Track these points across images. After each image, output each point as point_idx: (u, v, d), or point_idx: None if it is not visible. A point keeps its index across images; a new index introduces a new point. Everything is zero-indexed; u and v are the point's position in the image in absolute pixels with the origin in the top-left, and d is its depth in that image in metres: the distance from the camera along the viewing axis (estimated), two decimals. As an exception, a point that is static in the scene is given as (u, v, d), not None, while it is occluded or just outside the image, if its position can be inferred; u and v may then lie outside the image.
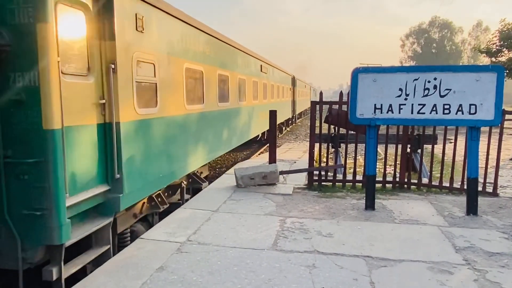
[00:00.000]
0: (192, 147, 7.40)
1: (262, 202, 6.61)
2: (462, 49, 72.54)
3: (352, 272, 4.01)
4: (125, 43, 4.88)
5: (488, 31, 65.06)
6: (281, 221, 5.62)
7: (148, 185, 5.65)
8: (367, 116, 6.03)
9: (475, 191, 5.99)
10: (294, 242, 4.82)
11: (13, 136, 3.84)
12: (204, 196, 7.13)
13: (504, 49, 23.68)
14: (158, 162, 5.96)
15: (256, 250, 4.57)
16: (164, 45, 6.07)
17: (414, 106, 5.90)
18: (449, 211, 6.17)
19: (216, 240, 4.88)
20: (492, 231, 5.26)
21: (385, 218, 5.80)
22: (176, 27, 6.55)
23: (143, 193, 5.57)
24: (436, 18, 72.73)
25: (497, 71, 5.69)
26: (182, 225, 5.43)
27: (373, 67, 6.44)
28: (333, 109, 8.03)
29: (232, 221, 5.64)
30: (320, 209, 6.24)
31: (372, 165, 6.27)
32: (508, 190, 7.89)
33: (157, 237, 5.00)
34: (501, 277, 3.91)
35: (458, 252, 4.54)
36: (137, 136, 5.32)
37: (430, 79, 5.82)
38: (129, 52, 5.00)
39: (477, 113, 5.74)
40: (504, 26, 23.38)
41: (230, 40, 10.10)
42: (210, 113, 8.46)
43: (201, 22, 7.78)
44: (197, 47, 7.60)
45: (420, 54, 72.43)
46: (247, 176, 7.69)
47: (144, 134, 5.53)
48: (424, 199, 6.88)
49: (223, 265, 4.17)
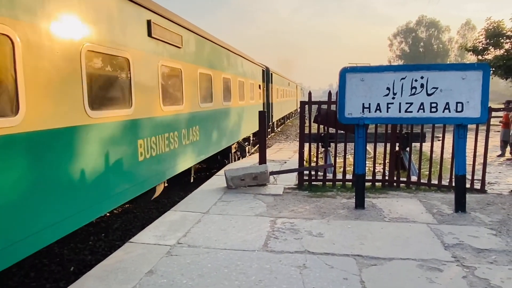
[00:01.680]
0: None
1: (253, 203, 6.60)
2: (449, 47, 73.47)
3: (342, 272, 4.01)
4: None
5: (474, 29, 65.93)
6: (271, 222, 5.61)
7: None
8: (356, 116, 6.05)
9: (463, 188, 6.04)
10: (284, 243, 4.81)
11: None
12: (194, 198, 7.09)
13: (490, 47, 23.99)
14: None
15: (247, 252, 4.55)
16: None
17: (402, 105, 5.93)
18: (438, 208, 6.22)
19: (206, 242, 4.85)
20: (480, 228, 5.31)
21: (375, 217, 5.82)
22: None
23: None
24: (423, 17, 73.58)
25: (482, 69, 5.75)
26: (172, 228, 5.39)
27: (360, 66, 6.46)
28: (322, 109, 8.06)
29: (223, 222, 5.61)
30: (310, 209, 6.24)
31: (362, 164, 6.30)
32: (495, 186, 7.99)
33: (147, 241, 4.95)
34: (489, 274, 3.95)
35: (447, 249, 4.57)
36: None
37: (417, 77, 5.86)
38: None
39: (464, 111, 5.79)
40: (490, 24, 23.69)
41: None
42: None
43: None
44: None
45: (408, 53, 73.20)
46: (238, 177, 7.67)
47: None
48: (413, 197, 6.93)
49: (214, 268, 4.14)
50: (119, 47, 5.36)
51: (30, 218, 3.80)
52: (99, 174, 4.89)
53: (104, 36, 5.03)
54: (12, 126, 3.56)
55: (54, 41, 4.12)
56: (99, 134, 4.91)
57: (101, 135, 4.94)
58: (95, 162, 4.81)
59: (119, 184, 5.38)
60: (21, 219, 3.70)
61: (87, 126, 4.65)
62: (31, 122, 3.78)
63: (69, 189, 4.37)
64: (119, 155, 5.34)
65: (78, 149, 4.50)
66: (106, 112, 5.09)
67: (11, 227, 3.60)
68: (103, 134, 5.01)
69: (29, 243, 3.78)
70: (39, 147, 3.91)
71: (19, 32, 3.62)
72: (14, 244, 3.62)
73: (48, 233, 4.02)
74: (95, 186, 4.82)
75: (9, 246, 3.56)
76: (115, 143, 5.26)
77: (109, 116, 5.13)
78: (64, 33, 4.29)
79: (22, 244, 3.70)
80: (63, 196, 4.26)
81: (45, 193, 3.98)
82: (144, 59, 6.09)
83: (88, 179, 4.67)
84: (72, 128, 4.39)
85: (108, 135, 5.12)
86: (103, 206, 5.03)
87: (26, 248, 3.77)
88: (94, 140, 4.81)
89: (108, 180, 5.13)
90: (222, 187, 7.77)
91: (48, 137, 4.03)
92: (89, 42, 4.69)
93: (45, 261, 6.03)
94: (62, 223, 4.20)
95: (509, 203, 6.52)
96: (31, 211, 3.81)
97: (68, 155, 4.35)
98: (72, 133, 4.40)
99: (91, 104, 4.71)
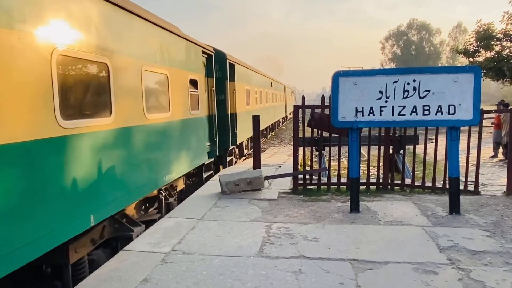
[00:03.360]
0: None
1: (248, 208, 6.57)
2: (441, 50, 74.11)
3: (338, 276, 4.00)
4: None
5: (466, 32, 66.58)
6: (267, 227, 5.59)
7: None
8: (349, 119, 6.07)
9: (457, 190, 6.07)
10: (280, 248, 4.79)
11: None
12: (188, 204, 7.06)
13: (481, 49, 24.20)
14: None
15: (242, 258, 4.53)
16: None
17: (395, 108, 5.96)
18: (432, 210, 6.23)
19: (201, 249, 4.81)
20: (474, 230, 5.33)
21: (370, 220, 5.82)
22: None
23: None
24: (414, 20, 74.15)
25: (474, 71, 5.80)
26: (167, 235, 5.36)
27: (353, 70, 6.49)
28: (315, 113, 8.08)
29: (218, 228, 5.59)
30: (305, 213, 6.23)
31: (356, 168, 6.31)
32: (489, 188, 8.04)
33: (141, 248, 4.91)
34: (484, 276, 3.96)
35: (442, 252, 4.58)
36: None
37: (409, 81, 5.90)
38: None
39: (456, 113, 5.83)
40: (480, 27, 23.92)
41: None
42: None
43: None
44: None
45: (400, 56, 73.66)
46: (232, 182, 7.65)
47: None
48: (408, 200, 6.95)
49: (209, 275, 4.11)
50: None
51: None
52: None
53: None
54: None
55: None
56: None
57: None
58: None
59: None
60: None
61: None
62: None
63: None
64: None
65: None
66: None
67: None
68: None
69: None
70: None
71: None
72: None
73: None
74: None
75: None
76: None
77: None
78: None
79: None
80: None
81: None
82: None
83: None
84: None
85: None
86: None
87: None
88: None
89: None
90: (217, 192, 7.74)
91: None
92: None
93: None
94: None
95: (502, 204, 6.56)
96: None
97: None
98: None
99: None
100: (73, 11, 4.47)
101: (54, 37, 4.10)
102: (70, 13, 4.42)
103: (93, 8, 4.88)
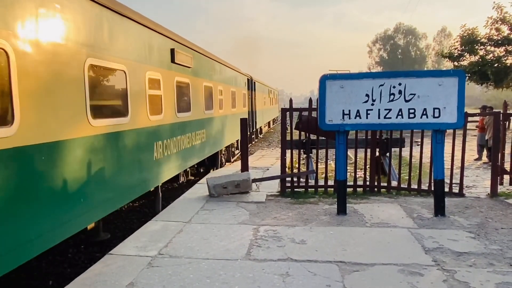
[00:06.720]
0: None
1: (235, 211, 6.56)
2: (426, 54, 75.20)
3: (325, 279, 4.01)
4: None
5: (450, 36, 67.67)
6: (254, 230, 5.58)
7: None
8: (336, 122, 6.11)
9: (442, 192, 6.15)
10: (267, 251, 4.79)
11: None
12: (176, 207, 7.01)
13: (465, 54, 24.62)
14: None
15: (230, 261, 4.51)
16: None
17: (381, 111, 6.02)
18: (418, 212, 6.30)
19: (188, 253, 4.78)
20: (459, 231, 5.40)
21: (357, 222, 5.86)
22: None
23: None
24: (401, 24, 75.18)
25: (458, 75, 5.89)
26: (153, 238, 5.31)
27: (340, 74, 6.54)
28: (303, 116, 8.11)
29: (205, 231, 5.56)
30: (293, 216, 6.24)
31: (343, 170, 6.34)
32: (473, 190, 8.16)
33: (127, 252, 4.86)
34: (469, 277, 4.01)
35: (427, 253, 4.63)
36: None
37: (395, 84, 5.96)
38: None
39: (441, 117, 5.91)
40: (465, 31, 24.34)
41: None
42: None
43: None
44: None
45: (387, 59, 74.56)
46: (220, 185, 7.63)
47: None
48: (394, 202, 7.01)
49: (196, 278, 4.08)
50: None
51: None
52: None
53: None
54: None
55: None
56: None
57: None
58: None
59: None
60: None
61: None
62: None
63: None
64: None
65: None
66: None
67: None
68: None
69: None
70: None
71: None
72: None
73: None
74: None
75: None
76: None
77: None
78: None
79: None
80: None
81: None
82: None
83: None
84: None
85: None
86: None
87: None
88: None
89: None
90: (205, 195, 7.71)
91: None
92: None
93: (23, 275, 5.84)
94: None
95: (486, 206, 6.67)
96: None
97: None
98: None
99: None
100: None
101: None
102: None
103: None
